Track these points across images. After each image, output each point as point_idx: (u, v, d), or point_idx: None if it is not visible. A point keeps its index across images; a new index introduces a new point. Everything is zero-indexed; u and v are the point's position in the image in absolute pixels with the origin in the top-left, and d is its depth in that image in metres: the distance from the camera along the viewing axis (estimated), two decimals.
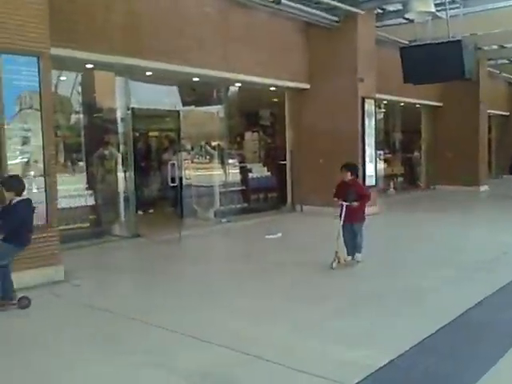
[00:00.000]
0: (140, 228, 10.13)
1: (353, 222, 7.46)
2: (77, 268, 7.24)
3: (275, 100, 14.66)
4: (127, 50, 9.10)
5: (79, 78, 10.19)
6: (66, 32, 7.83)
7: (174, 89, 11.98)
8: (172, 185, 10.48)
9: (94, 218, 9.96)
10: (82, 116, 10.43)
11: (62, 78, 9.84)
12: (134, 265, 8.57)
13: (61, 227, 7.23)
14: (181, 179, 10.87)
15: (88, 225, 9.79)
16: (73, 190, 9.42)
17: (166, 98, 11.76)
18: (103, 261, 8.42)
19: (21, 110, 6.52)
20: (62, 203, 7.80)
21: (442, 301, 5.93)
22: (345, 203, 7.32)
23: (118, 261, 8.76)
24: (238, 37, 11.18)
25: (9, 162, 6.45)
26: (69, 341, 4.90)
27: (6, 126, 6.38)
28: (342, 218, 7.33)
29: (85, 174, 10.13)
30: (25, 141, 6.59)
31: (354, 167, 7.84)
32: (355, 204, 7.29)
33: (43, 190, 6.77)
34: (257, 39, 11.62)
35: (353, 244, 7.57)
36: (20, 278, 6.48)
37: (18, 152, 6.55)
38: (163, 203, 12.41)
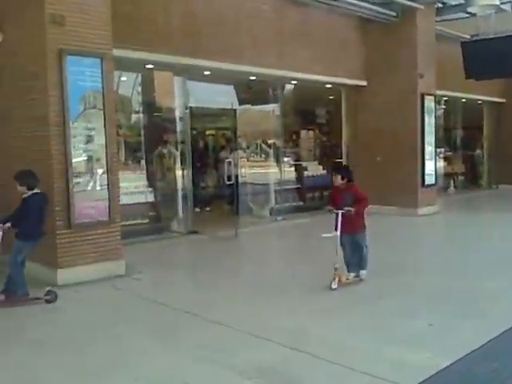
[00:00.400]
0: (197, 225, 10.30)
1: (354, 232, 6.46)
2: (137, 263, 7.42)
3: (331, 97, 14.55)
4: (186, 50, 9.27)
5: (139, 78, 10.48)
6: (127, 34, 8.04)
7: (231, 87, 12.10)
8: (228, 183, 10.60)
9: (153, 215, 10.21)
10: (141, 115, 10.73)
11: (122, 79, 10.13)
12: (191, 260, 8.74)
13: (122, 223, 7.42)
14: (237, 177, 10.97)
15: (147, 221, 10.04)
16: (133, 188, 9.69)
17: (222, 96, 11.89)
18: (162, 256, 8.62)
19: (85, 109, 6.77)
20: (123, 200, 8.00)
21: (508, 303, 5.71)
22: (340, 211, 6.30)
23: (177, 256, 8.96)
24: (293, 34, 11.15)
25: (73, 160, 6.70)
26: (130, 332, 5.05)
27: (71, 125, 6.64)
28: (339, 230, 6.33)
29: (144, 171, 10.39)
30: (88, 139, 6.84)
31: (345, 170, 6.86)
32: (350, 210, 6.26)
33: (106, 186, 7.00)
34: (312, 36, 11.55)
35: (356, 259, 6.57)
36: (83, 272, 6.78)
37: (81, 150, 6.80)
38: (219, 201, 12.56)
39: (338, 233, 6.34)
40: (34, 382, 4.09)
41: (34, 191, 5.95)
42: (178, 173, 10.50)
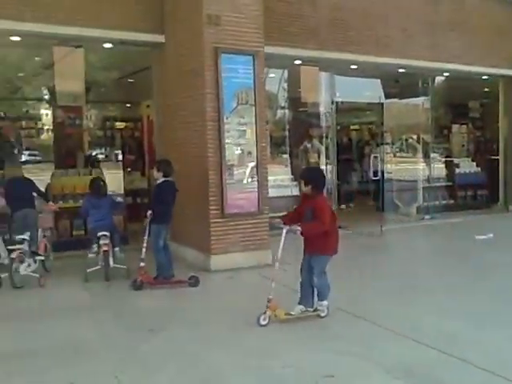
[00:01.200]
0: (341, 220, 10.21)
1: (312, 252, 5.05)
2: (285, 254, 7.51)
3: (487, 90, 13.57)
4: (334, 44, 9.26)
5: (285, 74, 10.65)
6: (276, 31, 8.25)
7: (377, 81, 11.82)
8: (374, 178, 10.38)
9: None
10: (286, 111, 10.92)
11: (270, 75, 10.39)
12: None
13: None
14: (382, 173, 10.71)
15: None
16: (279, 181, 9.89)
17: (368, 90, 11.68)
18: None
19: (238, 105, 7.06)
20: (270, 192, 8.21)
21: None
22: (285, 227, 4.92)
23: None
24: (446, 23, 10.58)
25: (227, 153, 7.03)
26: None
27: (225, 120, 6.97)
28: (280, 248, 4.97)
29: (289, 165, 10.56)
30: (240, 134, 7.13)
31: (313, 176, 5.16)
32: (294, 230, 4.84)
33: (256, 179, 7.26)
34: (467, 25, 10.85)
35: (310, 288, 5.14)
36: (234, 259, 7.10)
37: (234, 144, 7.11)
38: (363, 196, 12.36)
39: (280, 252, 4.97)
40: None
41: (167, 179, 6.42)
42: (323, 168, 10.52)
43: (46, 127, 14.80)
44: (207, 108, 6.91)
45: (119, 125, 15.02)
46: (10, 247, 6.41)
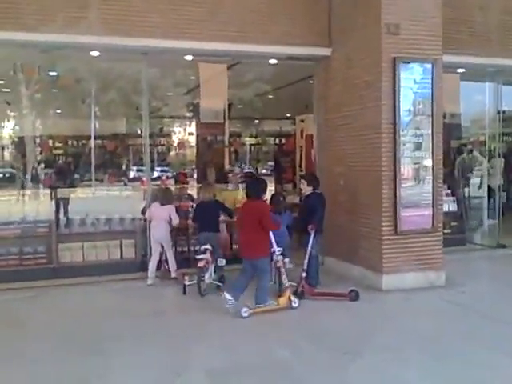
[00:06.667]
0: (506, 238, 9.47)
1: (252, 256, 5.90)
2: (452, 274, 7.07)
3: None
4: (502, 50, 8.61)
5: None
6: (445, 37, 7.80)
7: None
8: None
9: (455, 225, 9.74)
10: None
11: None
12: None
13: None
14: None
15: (450, 231, 9.59)
16: None
17: None
18: (475, 269, 8.16)
19: (414, 116, 6.75)
20: None
21: None
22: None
23: (490, 270, 8.34)
24: None
25: (402, 167, 6.72)
26: (473, 348, 4.78)
27: (401, 133, 6.68)
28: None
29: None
30: (417, 146, 6.80)
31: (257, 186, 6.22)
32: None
33: (431, 194, 6.87)
34: None
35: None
36: (406, 279, 6.76)
37: (409, 157, 6.78)
38: None
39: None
40: None
41: (316, 191, 6.86)
42: (484, 180, 9.89)
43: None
44: (382, 120, 6.67)
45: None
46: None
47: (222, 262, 6.78)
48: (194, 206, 7.58)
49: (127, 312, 5.99)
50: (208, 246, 6.57)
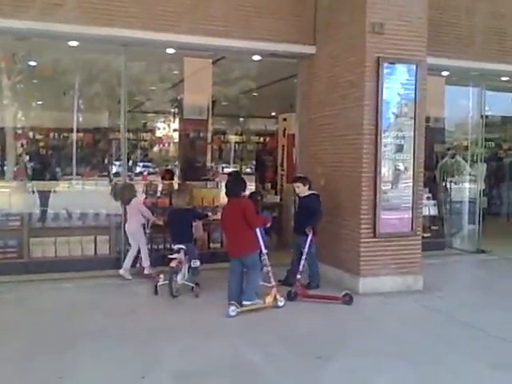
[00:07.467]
0: (485, 243, 9.46)
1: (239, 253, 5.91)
2: (429, 279, 6.97)
3: None
4: (486, 54, 8.58)
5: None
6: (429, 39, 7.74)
7: None
8: None
9: (435, 229, 9.70)
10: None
11: None
12: (486, 281, 7.95)
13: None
14: None
15: (429, 235, 9.54)
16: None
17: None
18: (453, 274, 8.11)
19: (396, 117, 6.66)
20: None
21: None
22: None
23: (468, 275, 8.30)
24: None
25: (382, 169, 6.63)
26: (453, 356, 4.69)
27: (382, 134, 6.59)
28: None
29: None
30: (398, 148, 6.70)
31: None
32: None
33: (410, 197, 6.79)
34: None
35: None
36: (383, 283, 6.68)
37: (390, 159, 6.68)
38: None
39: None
40: None
41: (313, 192, 6.80)
42: (465, 185, 9.85)
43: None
44: (364, 120, 6.56)
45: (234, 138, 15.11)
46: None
47: (196, 263, 6.57)
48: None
49: (98, 310, 5.82)
50: (182, 246, 6.40)
